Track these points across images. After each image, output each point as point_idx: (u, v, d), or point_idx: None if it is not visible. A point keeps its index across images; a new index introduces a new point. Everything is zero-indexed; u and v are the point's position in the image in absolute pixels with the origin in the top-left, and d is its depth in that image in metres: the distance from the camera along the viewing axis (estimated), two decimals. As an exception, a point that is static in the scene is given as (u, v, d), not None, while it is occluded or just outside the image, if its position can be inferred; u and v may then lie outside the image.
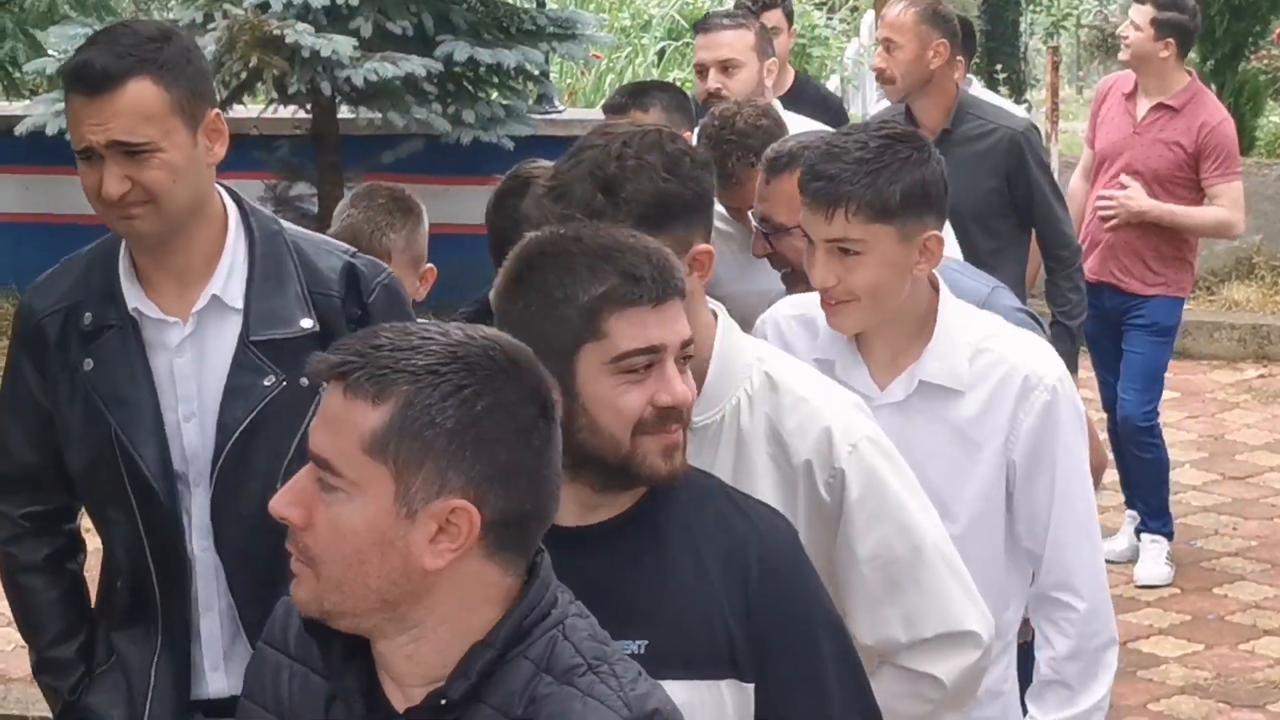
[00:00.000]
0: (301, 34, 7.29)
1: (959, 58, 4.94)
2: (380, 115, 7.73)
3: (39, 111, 7.98)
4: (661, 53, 11.67)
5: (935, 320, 2.54)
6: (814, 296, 2.59)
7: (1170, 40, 5.56)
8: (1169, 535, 5.52)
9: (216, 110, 2.52)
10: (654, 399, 1.85)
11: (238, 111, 8.08)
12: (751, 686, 1.93)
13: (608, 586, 1.88)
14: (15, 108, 8.75)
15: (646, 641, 1.89)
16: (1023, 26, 14.72)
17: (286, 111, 8.15)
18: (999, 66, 13.09)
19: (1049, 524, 2.56)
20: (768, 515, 2.03)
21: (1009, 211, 4.70)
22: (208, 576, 2.57)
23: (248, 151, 7.90)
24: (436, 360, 1.46)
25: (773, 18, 5.48)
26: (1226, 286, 8.78)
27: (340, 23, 7.55)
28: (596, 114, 9.94)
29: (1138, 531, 5.49)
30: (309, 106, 7.98)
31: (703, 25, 4.99)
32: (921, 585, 2.20)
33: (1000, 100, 6.38)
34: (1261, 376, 8.23)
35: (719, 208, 3.84)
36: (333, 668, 1.57)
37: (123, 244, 2.56)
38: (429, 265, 3.66)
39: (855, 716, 1.99)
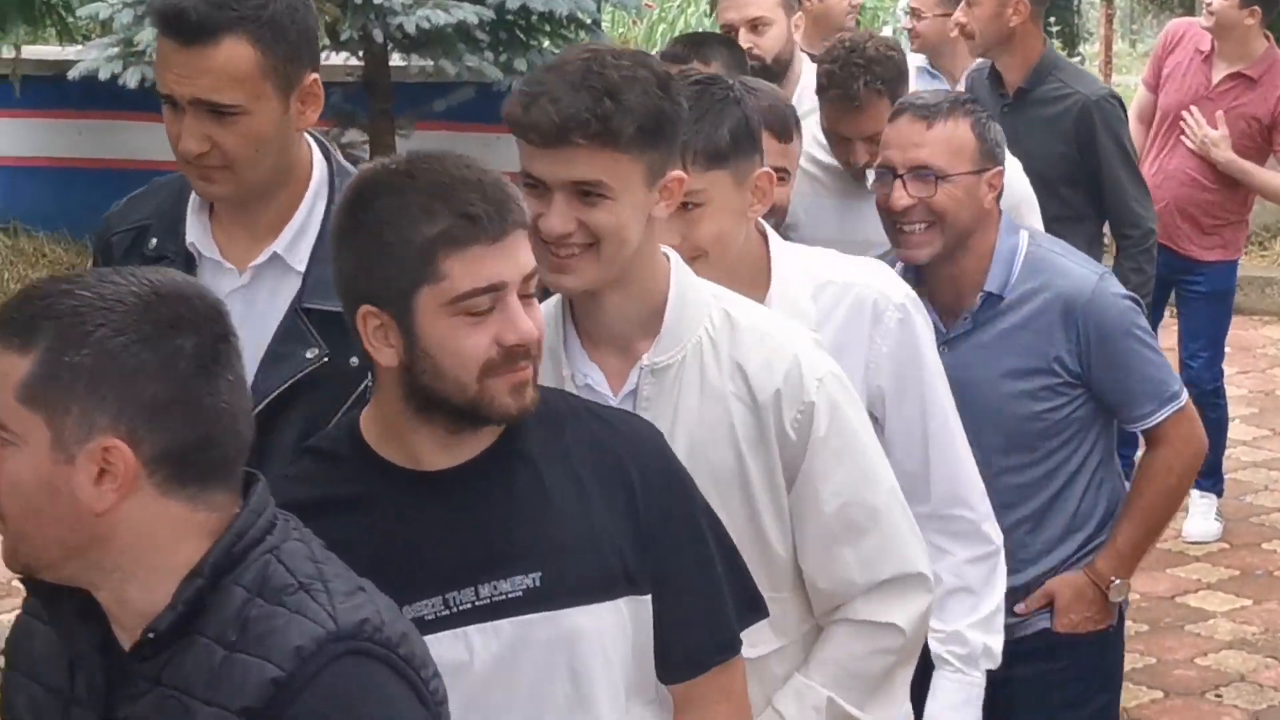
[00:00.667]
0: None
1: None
2: (432, 63, 7.80)
3: (92, 56, 8.05)
4: (713, 2, 11.69)
5: (771, 264, 2.51)
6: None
7: (1256, 8, 5.52)
8: (1219, 492, 5.49)
9: (316, 75, 2.41)
10: (499, 338, 1.80)
11: None
12: (649, 597, 1.92)
13: (487, 525, 1.88)
14: (68, 52, 8.79)
15: (540, 573, 1.88)
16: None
17: (339, 58, 8.19)
18: (1051, 20, 12.85)
19: (926, 442, 2.54)
20: (630, 421, 2.02)
21: (1080, 179, 4.59)
22: None
23: None
24: (79, 303, 1.46)
25: None
26: (1278, 241, 8.82)
27: (393, -31, 7.70)
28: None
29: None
30: (361, 54, 8.07)
31: None
32: (880, 526, 2.18)
33: None
34: None
35: (817, 153, 3.80)
36: (65, 626, 1.59)
37: None
38: None
39: (742, 594, 2.00)
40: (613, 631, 1.90)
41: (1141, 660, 5.00)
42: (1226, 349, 7.12)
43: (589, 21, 8.44)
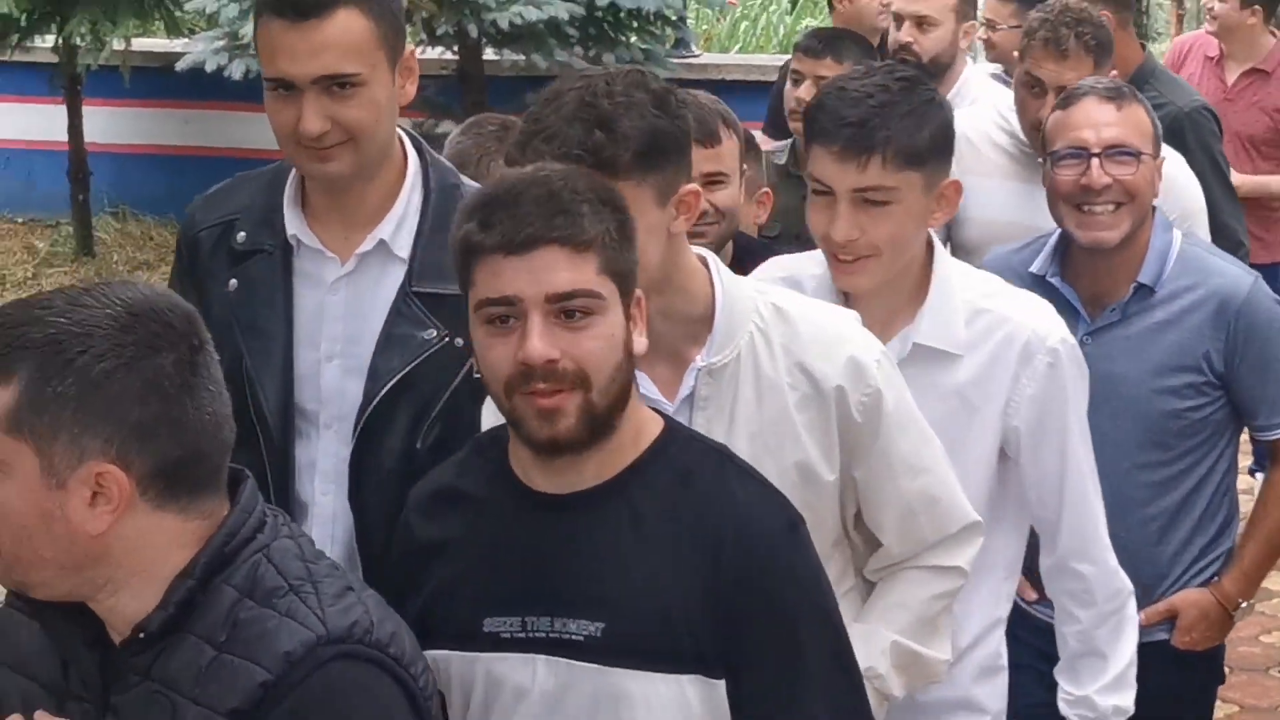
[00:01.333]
0: (450, -21, 7.68)
1: (1129, 27, 4.82)
2: (524, 57, 8.02)
3: (198, 49, 8.34)
4: (795, 1, 11.89)
5: (931, 279, 2.45)
6: (799, 258, 2.55)
7: (1257, 7, 5.65)
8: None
9: (412, 47, 2.45)
10: (515, 354, 1.74)
11: None
12: (721, 683, 1.83)
13: (572, 561, 1.84)
14: (176, 45, 9.01)
15: (603, 625, 1.84)
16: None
17: (434, 52, 8.45)
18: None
19: (1061, 492, 2.51)
20: (759, 495, 1.91)
21: None
22: (324, 523, 2.53)
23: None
24: (56, 331, 1.46)
25: None
26: None
27: (487, -33, 7.95)
28: (731, 58, 9.98)
29: (1251, 471, 5.39)
30: (456, 48, 8.30)
31: None
32: (947, 486, 2.23)
33: None
34: None
35: (995, 133, 3.86)
36: (54, 626, 1.61)
37: (293, 171, 2.50)
38: None
39: (841, 705, 1.89)
40: (668, 705, 1.84)
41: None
42: None
43: (674, 18, 8.65)
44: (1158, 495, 2.99)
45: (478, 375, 1.90)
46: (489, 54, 8.39)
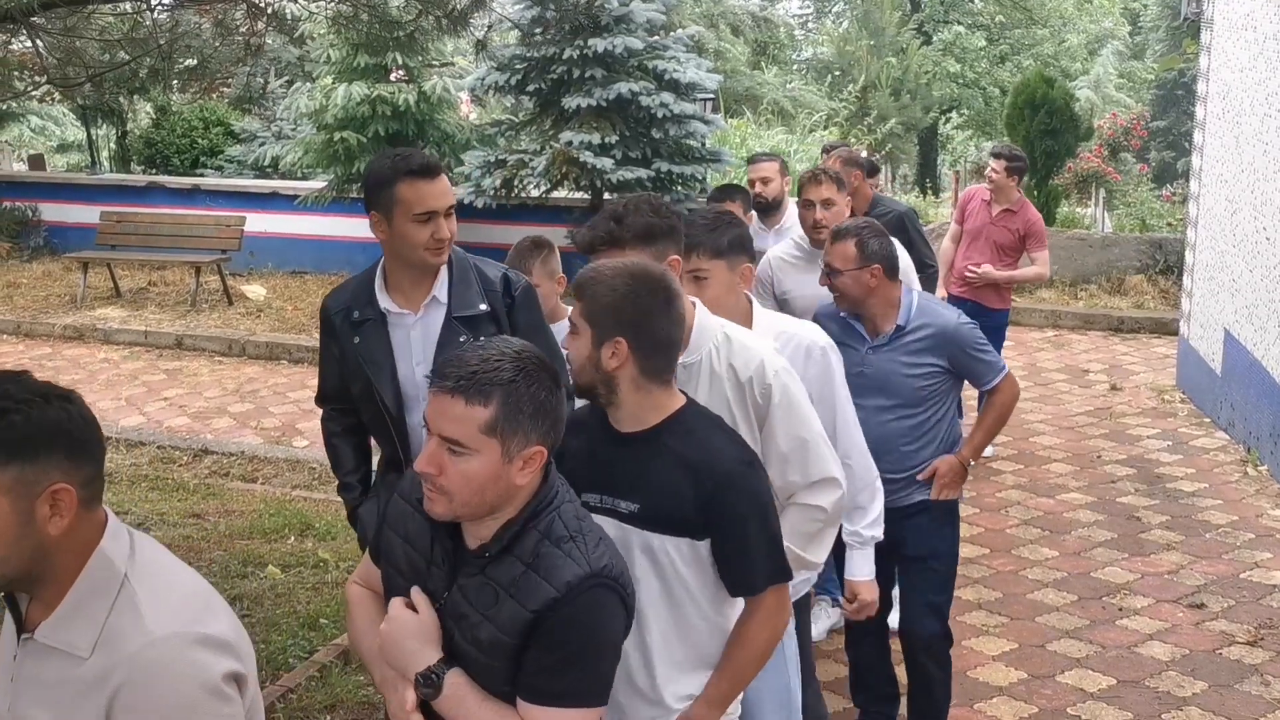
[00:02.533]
0: (587, 156, 11.50)
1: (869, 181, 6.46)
2: (624, 197, 11.40)
3: (461, 192, 11.93)
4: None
5: (751, 320, 3.41)
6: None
7: (1015, 176, 7.76)
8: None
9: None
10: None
11: (556, 195, 12.55)
12: (705, 542, 2.61)
13: (630, 469, 2.62)
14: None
15: (638, 505, 2.61)
16: (940, 159, 20.58)
17: (579, 194, 12.54)
18: (927, 180, 19.06)
19: (834, 426, 3.45)
20: (729, 446, 2.65)
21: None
22: None
23: (559, 214, 12.66)
24: (507, 379, 2.19)
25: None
26: (1039, 290, 12.92)
27: (607, 152, 11.64)
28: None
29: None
30: (589, 192, 12.17)
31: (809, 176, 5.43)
32: (810, 450, 3.05)
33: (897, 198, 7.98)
34: (1056, 335, 11.98)
35: (793, 250, 5.09)
36: (434, 524, 2.27)
37: (379, 266, 3.43)
38: (561, 275, 4.55)
39: (767, 565, 2.64)
40: (682, 552, 2.63)
41: None
42: (1011, 343, 10.36)
43: (701, 177, 12.32)
44: (912, 432, 4.23)
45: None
46: (606, 195, 11.94)
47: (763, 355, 3.02)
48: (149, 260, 13.99)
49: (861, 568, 3.80)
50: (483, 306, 3.40)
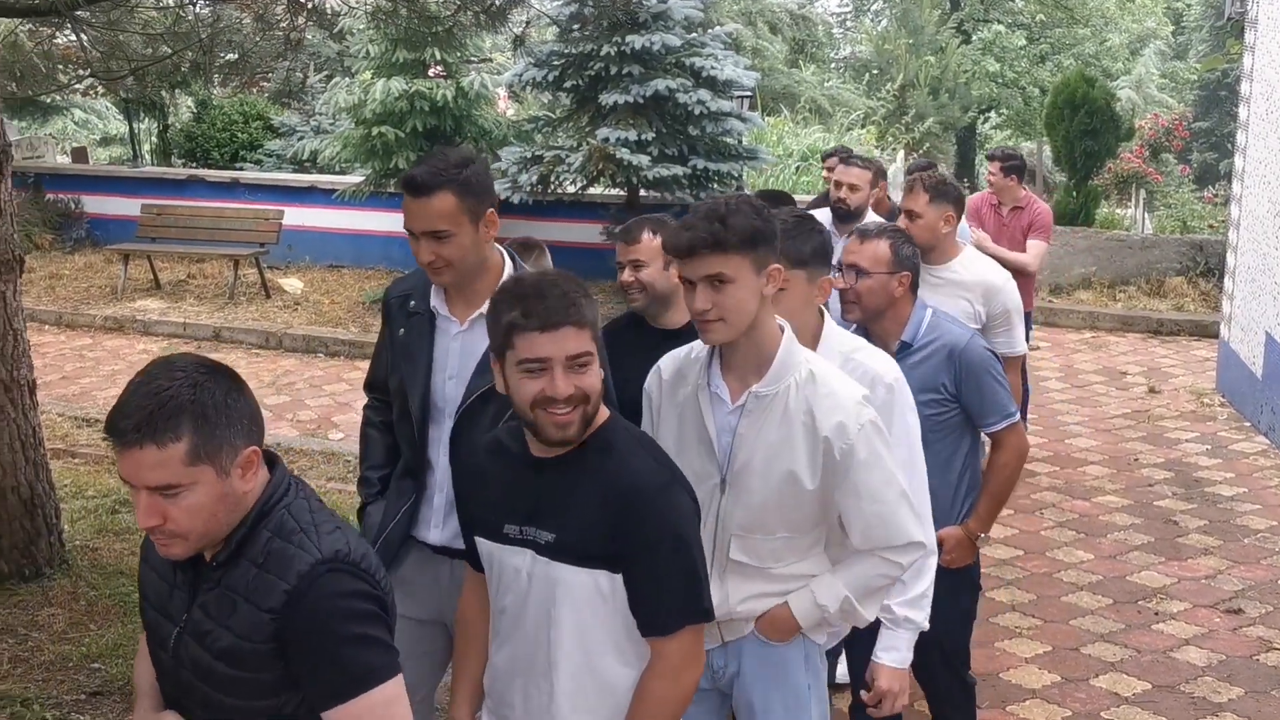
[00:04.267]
0: (624, 153, 11.42)
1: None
2: (660, 194, 11.77)
3: (498, 188, 10.39)
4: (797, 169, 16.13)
5: (820, 337, 3.16)
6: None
7: (1014, 176, 7.86)
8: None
9: (493, 209, 3.08)
10: (543, 390, 2.38)
11: (592, 192, 12.50)
12: (619, 576, 2.44)
13: (543, 496, 2.48)
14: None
15: (554, 535, 2.47)
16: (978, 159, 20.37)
17: (615, 191, 12.56)
18: (965, 180, 19.03)
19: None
20: (647, 464, 2.50)
21: None
22: (442, 473, 3.24)
23: (595, 210, 12.96)
24: (191, 388, 2.09)
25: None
26: (1077, 291, 12.94)
27: (643, 149, 11.52)
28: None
29: None
30: (625, 189, 12.24)
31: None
32: (896, 513, 2.80)
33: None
34: (1094, 336, 12.03)
35: None
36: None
37: None
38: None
39: (680, 600, 2.46)
40: (590, 587, 2.48)
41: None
42: (1048, 343, 11.15)
43: (738, 175, 12.26)
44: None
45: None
46: (642, 192, 12.14)
47: (849, 407, 2.78)
48: (188, 253, 14.09)
49: (889, 649, 3.26)
50: None
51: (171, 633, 2.23)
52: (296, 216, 14.33)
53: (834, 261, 3.54)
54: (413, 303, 3.28)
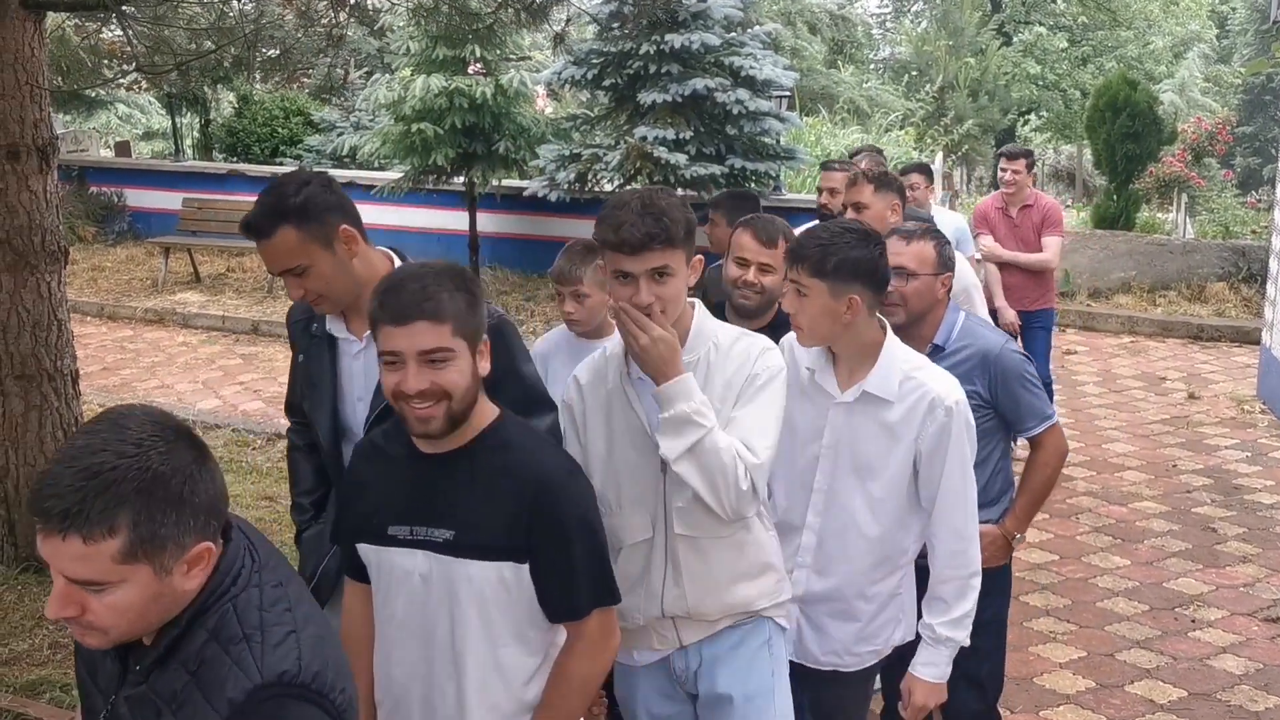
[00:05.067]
0: (661, 152, 11.46)
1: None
2: (697, 193, 11.42)
3: (535, 185, 12.53)
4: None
5: (880, 351, 3.13)
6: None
7: (1032, 174, 7.91)
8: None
9: (346, 225, 2.98)
10: (398, 385, 2.35)
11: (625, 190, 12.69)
12: (525, 566, 2.43)
13: (438, 493, 2.43)
14: (524, 183, 12.97)
15: (453, 532, 2.43)
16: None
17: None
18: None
19: (937, 494, 3.13)
20: (550, 456, 2.50)
21: None
22: None
23: None
24: (141, 469, 1.72)
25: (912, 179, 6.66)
26: (1116, 296, 12.89)
27: (681, 147, 11.58)
28: (804, 197, 12.56)
29: None
30: (661, 188, 11.34)
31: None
32: (751, 438, 2.78)
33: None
34: (1133, 341, 11.99)
35: None
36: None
37: None
38: None
39: (590, 585, 2.46)
40: (495, 580, 2.45)
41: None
42: (1085, 347, 11.19)
43: (775, 174, 12.33)
44: None
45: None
46: (679, 191, 11.25)
47: (753, 354, 2.86)
48: (228, 247, 14.14)
49: (928, 664, 3.24)
50: None
51: (101, 709, 1.93)
52: (335, 212, 14.37)
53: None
54: (314, 325, 3.20)
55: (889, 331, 3.20)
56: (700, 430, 2.69)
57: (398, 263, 3.08)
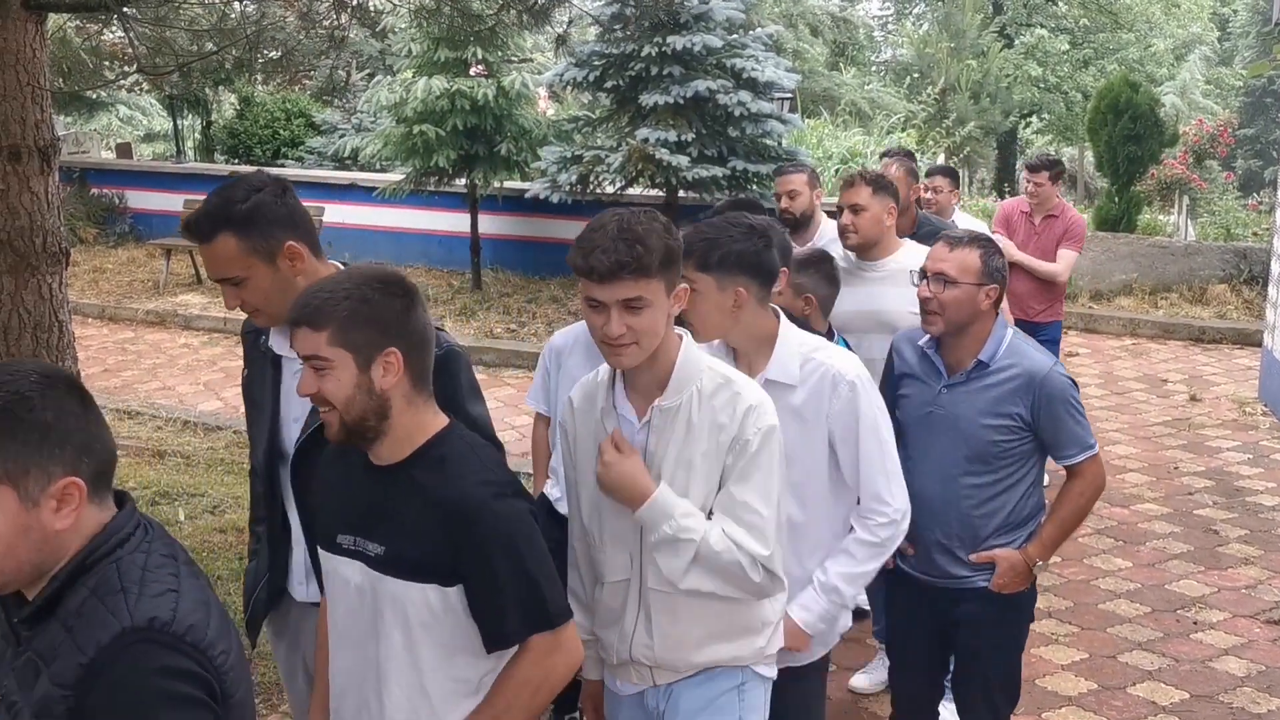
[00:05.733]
0: (663, 154, 11.41)
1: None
2: (699, 195, 11.76)
3: (536, 187, 12.47)
4: (837, 171, 16.06)
5: (776, 339, 3.09)
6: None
7: (1059, 184, 7.65)
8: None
9: (293, 242, 2.81)
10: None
11: (631, 192, 12.27)
12: (453, 589, 2.32)
13: (376, 506, 2.38)
14: (525, 185, 12.87)
15: (384, 547, 2.37)
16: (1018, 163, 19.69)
17: (654, 191, 12.41)
18: (1005, 184, 18.97)
19: (859, 467, 3.11)
20: (482, 472, 2.36)
21: None
22: (300, 525, 3.03)
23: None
24: (9, 394, 1.73)
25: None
26: (1118, 298, 12.94)
27: (683, 149, 11.52)
28: None
29: None
30: (665, 189, 12.11)
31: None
32: (763, 529, 2.65)
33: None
34: (1135, 343, 11.99)
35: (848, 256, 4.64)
36: None
37: None
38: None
39: (521, 611, 2.34)
40: (415, 602, 2.35)
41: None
42: (1088, 349, 11.15)
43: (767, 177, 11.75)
44: (978, 493, 3.54)
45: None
46: (681, 193, 12.01)
47: (747, 407, 2.69)
48: (229, 248, 14.07)
49: (804, 607, 3.18)
50: None
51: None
52: (337, 214, 14.49)
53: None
54: (262, 340, 3.07)
55: (783, 319, 3.16)
56: (691, 545, 2.64)
57: None
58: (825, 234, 5.49)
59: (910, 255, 4.68)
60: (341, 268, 2.90)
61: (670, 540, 2.61)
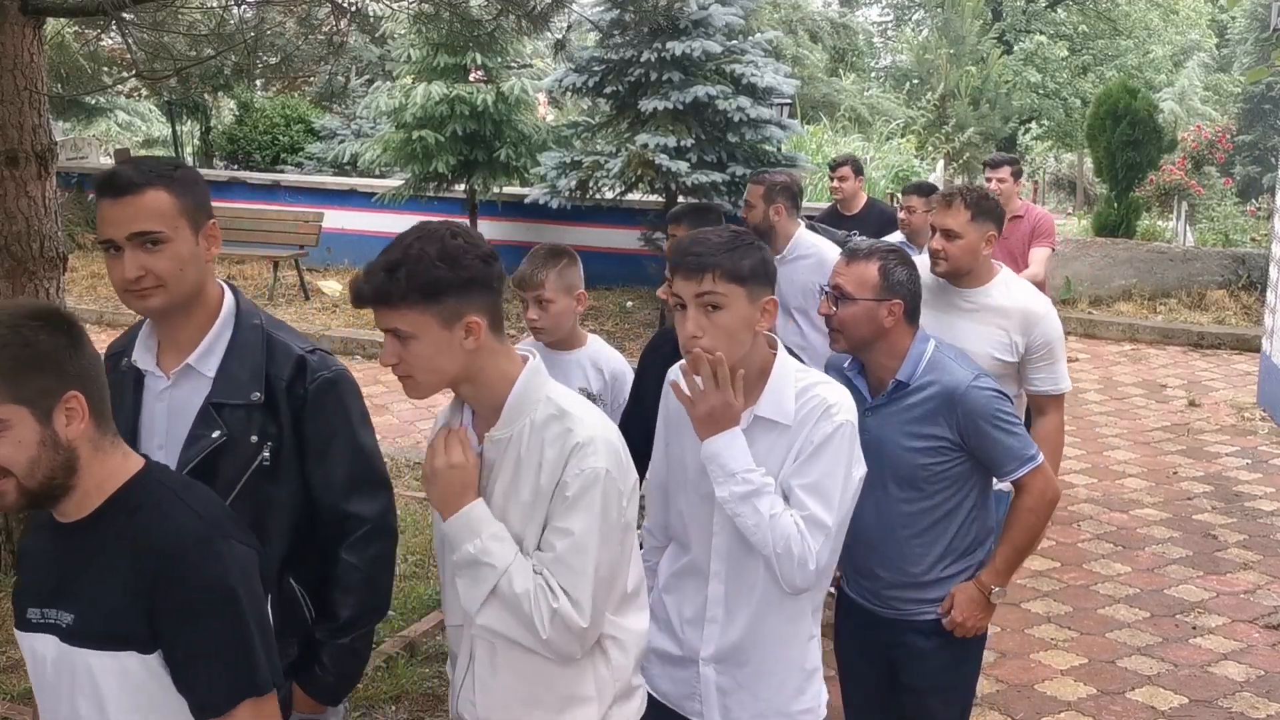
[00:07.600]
0: (663, 159, 11.40)
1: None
2: (699, 200, 11.22)
3: (536, 192, 12.38)
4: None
5: (770, 370, 2.76)
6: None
7: (1020, 182, 7.58)
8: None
9: (214, 222, 2.61)
10: None
11: (631, 197, 12.45)
12: (153, 656, 2.04)
13: (65, 570, 2.11)
14: (525, 190, 12.94)
15: (73, 616, 2.08)
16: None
17: (654, 196, 12.62)
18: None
19: (812, 485, 2.69)
20: (186, 518, 2.08)
21: None
22: None
23: (633, 216, 12.83)
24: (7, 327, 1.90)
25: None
26: (1117, 303, 12.98)
27: (682, 155, 11.54)
28: (805, 205, 11.56)
29: None
30: (664, 195, 12.27)
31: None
32: (579, 581, 2.31)
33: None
34: (1134, 348, 12.08)
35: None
36: None
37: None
38: (581, 291, 4.03)
39: (229, 674, 2.05)
40: (111, 673, 2.07)
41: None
42: (1087, 354, 11.09)
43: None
44: (913, 521, 3.33)
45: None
46: (681, 198, 11.74)
47: (576, 442, 2.37)
48: (228, 254, 14.07)
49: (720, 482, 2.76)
50: (255, 396, 2.60)
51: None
52: (336, 219, 14.48)
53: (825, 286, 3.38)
54: (125, 360, 2.72)
55: (779, 346, 2.87)
56: (493, 572, 2.34)
57: (230, 299, 2.69)
58: (797, 248, 5.41)
59: (1004, 292, 4.27)
60: (226, 287, 2.73)
61: (471, 562, 2.35)
